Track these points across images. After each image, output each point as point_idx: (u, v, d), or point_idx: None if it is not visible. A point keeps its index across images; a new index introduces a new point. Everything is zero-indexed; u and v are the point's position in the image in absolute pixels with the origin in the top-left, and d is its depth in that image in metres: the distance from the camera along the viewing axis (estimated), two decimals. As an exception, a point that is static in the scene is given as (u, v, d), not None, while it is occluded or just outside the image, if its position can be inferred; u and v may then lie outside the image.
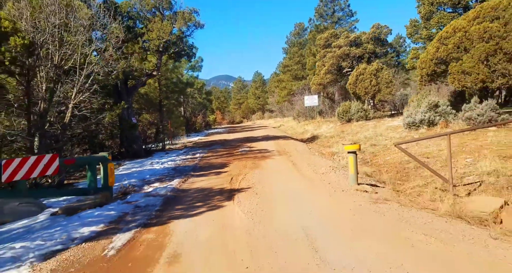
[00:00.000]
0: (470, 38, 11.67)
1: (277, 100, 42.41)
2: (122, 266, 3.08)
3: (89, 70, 7.14)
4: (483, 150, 7.89)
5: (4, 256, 3.28)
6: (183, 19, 11.38)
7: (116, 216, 4.63)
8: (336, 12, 28.06)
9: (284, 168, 8.30)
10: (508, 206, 4.65)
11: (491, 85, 11.57)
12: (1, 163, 3.99)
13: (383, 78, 19.57)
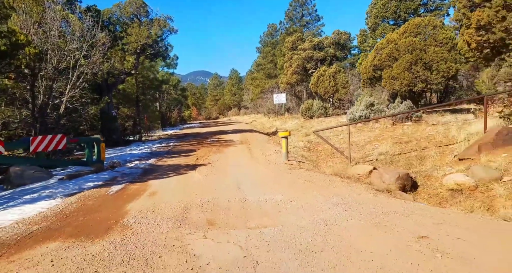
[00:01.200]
0: (399, 49, 14.41)
1: (251, 97, 44.61)
2: (120, 197, 5.14)
3: (80, 71, 8.99)
4: (390, 138, 10.56)
5: (42, 195, 5.25)
6: (158, 26, 13.26)
7: (109, 178, 6.64)
8: (305, 16, 30.62)
9: (241, 152, 10.52)
10: (376, 170, 7.14)
11: (414, 89, 14.39)
12: (29, 139, 5.90)
13: (340, 80, 22.27)
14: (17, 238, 3.45)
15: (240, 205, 4.51)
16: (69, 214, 4.31)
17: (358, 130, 13.51)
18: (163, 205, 4.58)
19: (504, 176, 5.97)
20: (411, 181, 6.81)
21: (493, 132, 7.17)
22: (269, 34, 38.24)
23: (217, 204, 4.55)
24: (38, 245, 3.24)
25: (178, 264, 2.73)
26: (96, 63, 9.27)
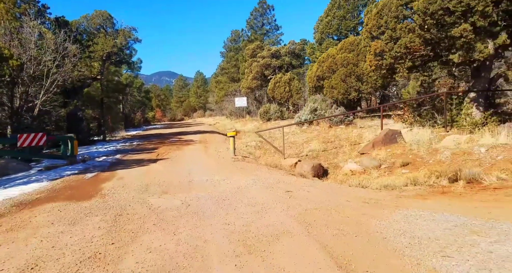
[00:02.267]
0: (336, 63, 17.14)
1: (215, 99, 46.41)
2: (95, 180, 6.87)
3: (53, 78, 10.42)
4: (322, 138, 13.03)
5: (31, 180, 6.83)
6: (123, 36, 14.81)
7: (83, 168, 8.27)
8: (265, 25, 33.15)
9: (198, 150, 12.42)
10: (300, 162, 9.41)
11: (349, 97, 17.18)
12: (18, 136, 7.41)
13: (294, 86, 24.88)
14: (30, 200, 5.15)
15: (187, 183, 6.46)
16: (58, 190, 6.00)
17: (302, 132, 15.94)
18: (129, 184, 6.41)
19: (382, 165, 8.48)
20: (323, 169, 9.15)
21: (383, 133, 9.77)
22: (233, 40, 40.36)
23: (170, 183, 6.47)
24: (46, 203, 4.98)
25: (142, 208, 4.65)
26: (67, 71, 10.71)
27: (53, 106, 10.70)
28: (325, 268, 2.71)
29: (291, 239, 3.32)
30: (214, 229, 3.68)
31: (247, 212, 4.26)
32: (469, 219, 3.70)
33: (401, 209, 4.21)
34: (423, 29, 8.98)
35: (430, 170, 6.74)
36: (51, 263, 2.93)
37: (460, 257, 2.81)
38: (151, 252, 3.11)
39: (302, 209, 4.30)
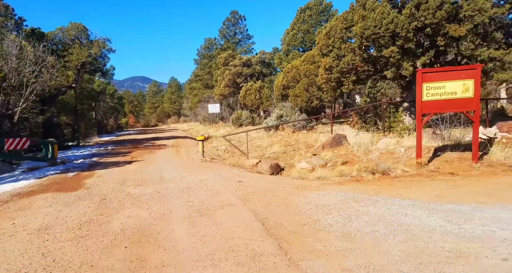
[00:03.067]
0: (300, 74, 18.98)
1: (189, 106, 47.39)
2: (77, 178, 8.01)
3: (32, 87, 11.37)
4: (284, 142, 14.66)
5: (19, 178, 7.86)
6: (98, 46, 15.84)
7: (64, 169, 9.33)
8: (237, 34, 34.87)
9: (170, 153, 13.66)
10: (260, 162, 10.93)
11: (312, 105, 19.03)
12: (5, 140, 8.41)
13: (264, 94, 26.60)
14: (26, 192, 6.29)
15: (159, 178, 7.78)
16: (47, 185, 7.14)
17: (268, 137, 17.54)
18: (108, 180, 7.64)
19: (327, 163, 10.16)
20: (280, 168, 10.70)
21: (332, 137, 11.53)
22: (206, 47, 41.75)
23: (144, 179, 7.76)
24: (40, 194, 6.15)
25: (121, 195, 5.94)
26: (46, 81, 11.67)
27: (32, 113, 11.60)
28: (249, 221, 4.19)
29: (231, 208, 4.79)
30: (177, 205, 5.08)
31: (204, 195, 5.69)
32: (360, 195, 5.35)
33: (318, 191, 5.81)
34: (361, 49, 10.89)
35: (360, 166, 8.48)
36: (59, 226, 4.21)
37: (337, 213, 4.40)
38: (131, 218, 4.47)
39: (246, 192, 5.79)
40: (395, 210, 4.42)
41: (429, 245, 3.26)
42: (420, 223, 3.86)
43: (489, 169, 6.79)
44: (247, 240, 3.55)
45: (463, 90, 7.20)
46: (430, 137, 9.89)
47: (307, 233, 3.74)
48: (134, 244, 3.53)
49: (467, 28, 9.65)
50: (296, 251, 3.25)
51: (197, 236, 3.71)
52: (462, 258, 2.96)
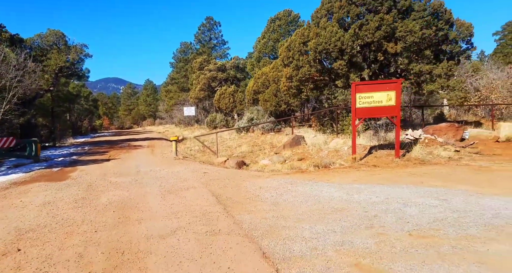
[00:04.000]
0: (269, 80, 20.68)
1: (165, 108, 48.11)
2: (62, 172, 9.16)
3: (15, 91, 12.31)
4: (252, 142, 16.23)
5: (8, 172, 8.92)
6: (75, 52, 16.81)
7: (48, 165, 10.40)
8: (212, 40, 36.30)
9: (145, 152, 14.86)
10: (228, 159, 12.43)
11: (280, 109, 20.76)
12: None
13: (237, 97, 28.13)
14: (20, 181, 7.45)
15: (136, 171, 9.09)
16: (36, 177, 8.28)
17: (239, 138, 19.05)
18: (91, 173, 8.87)
19: (286, 160, 11.80)
20: (245, 164, 12.26)
21: (291, 138, 13.23)
22: (182, 51, 42.80)
23: (123, 172, 9.05)
24: (33, 183, 7.34)
25: (104, 182, 7.25)
26: (27, 85, 12.61)
27: (14, 115, 12.48)
28: (206, 196, 5.70)
29: (194, 189, 6.28)
30: (152, 188, 6.50)
31: (174, 181, 7.14)
32: (297, 180, 6.99)
33: (267, 179, 7.40)
34: (316, 62, 12.71)
35: (310, 162, 10.16)
36: (58, 201, 5.53)
37: (274, 191, 5.99)
38: (115, 196, 5.84)
39: (208, 179, 7.29)
40: (316, 188, 6.08)
41: (325, 206, 4.90)
42: (328, 195, 5.53)
43: (404, 162, 8.67)
44: (202, 206, 5.05)
45: (387, 100, 9.07)
46: (370, 138, 11.82)
47: (247, 202, 5.30)
48: (120, 210, 4.94)
49: (402, 46, 11.68)
50: (235, 211, 4.79)
51: (166, 204, 5.17)
52: (341, 211, 4.61)
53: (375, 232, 3.75)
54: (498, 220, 3.96)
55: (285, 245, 3.45)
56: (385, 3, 11.53)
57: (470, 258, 3.01)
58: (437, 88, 11.73)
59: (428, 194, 5.28)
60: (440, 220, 4.07)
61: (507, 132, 11.23)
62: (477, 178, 6.49)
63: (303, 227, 3.97)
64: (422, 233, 3.67)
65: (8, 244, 3.67)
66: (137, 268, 2.99)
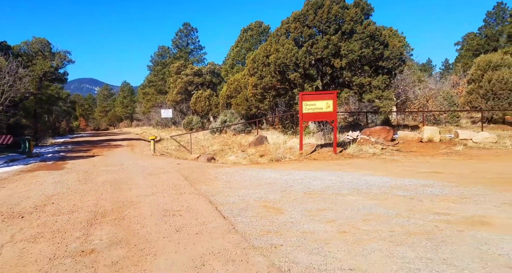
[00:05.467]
0: (241, 85, 22.93)
1: (143, 110, 49.33)
2: (56, 165, 10.95)
3: (7, 94, 13.88)
4: (224, 142, 18.38)
5: (9, 165, 10.61)
6: (59, 58, 18.39)
7: (41, 160, 12.10)
8: (189, 45, 38.23)
9: (126, 150, 16.68)
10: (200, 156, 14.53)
11: (250, 112, 23.04)
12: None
13: (213, 101, 30.21)
14: (25, 170, 9.25)
15: (120, 164, 11.02)
16: (36, 167, 10.06)
17: (213, 138, 21.16)
18: (82, 164, 10.73)
19: (250, 156, 14.04)
20: (214, 160, 14.40)
21: (256, 138, 15.51)
22: (160, 55, 44.39)
23: (109, 164, 10.96)
24: (36, 171, 9.16)
25: (97, 170, 9.19)
26: (19, 89, 14.18)
27: (5, 116, 14.01)
28: (177, 177, 7.82)
29: (169, 173, 8.38)
30: (135, 173, 8.53)
31: (153, 169, 9.20)
32: (249, 168, 9.23)
33: (227, 168, 9.59)
34: (276, 73, 15.09)
35: (268, 157, 12.43)
36: (65, 180, 7.47)
37: (229, 175, 8.20)
38: (108, 178, 7.86)
39: (181, 168, 9.40)
40: (261, 173, 8.35)
41: (261, 182, 7.16)
42: (267, 176, 7.80)
43: (338, 156, 11.13)
44: (174, 182, 7.19)
45: (326, 107, 11.53)
46: (320, 138, 14.29)
47: (207, 180, 7.47)
48: (115, 184, 6.99)
49: (345, 62, 14.26)
50: (197, 185, 6.96)
51: (148, 181, 7.27)
52: (270, 184, 6.88)
53: (285, 193, 6.03)
54: (363, 187, 6.35)
55: (225, 198, 5.66)
56: (331, 26, 14.09)
57: (330, 202, 5.34)
58: (374, 98, 14.38)
59: (335, 175, 7.67)
60: (329, 186, 6.43)
61: (428, 134, 14.01)
62: (381, 166, 8.99)
63: (240, 191, 6.20)
64: (311, 193, 5.99)
65: (44, 200, 5.66)
66: (133, 208, 5.10)
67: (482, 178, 6.71)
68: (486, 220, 4.14)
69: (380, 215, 4.46)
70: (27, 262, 3.17)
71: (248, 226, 4.12)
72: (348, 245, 3.42)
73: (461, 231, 3.74)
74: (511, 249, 3.17)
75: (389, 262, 2.99)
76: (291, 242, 3.53)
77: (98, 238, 3.73)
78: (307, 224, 4.17)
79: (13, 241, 3.74)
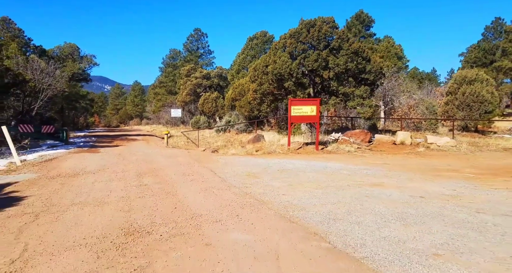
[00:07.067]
0: (245, 89, 25.71)
1: (153, 109, 52.50)
2: (91, 150, 13.84)
3: (46, 92, 16.88)
4: (227, 139, 21.18)
5: (54, 149, 13.53)
6: (86, 61, 21.44)
7: (76, 147, 15.02)
8: (199, 49, 41.26)
9: (143, 143, 19.58)
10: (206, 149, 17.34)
11: (252, 114, 25.79)
12: (42, 126, 13.99)
13: (219, 103, 33.06)
14: (72, 152, 12.15)
15: (142, 151, 13.85)
16: (77, 151, 12.94)
17: (218, 136, 23.94)
18: (112, 151, 13.58)
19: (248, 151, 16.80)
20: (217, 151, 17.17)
21: (254, 136, 18.25)
22: (171, 57, 47.52)
23: (133, 151, 13.79)
24: (80, 153, 12.05)
25: (127, 153, 12.03)
26: (56, 88, 17.16)
27: (44, 110, 16.99)
28: (189, 159, 10.60)
29: (182, 156, 11.18)
30: (157, 156, 11.34)
31: (169, 154, 11.99)
32: (244, 157, 11.98)
33: (227, 156, 12.35)
34: (273, 81, 17.84)
35: (262, 151, 15.17)
36: (108, 158, 10.30)
37: (228, 160, 10.96)
38: (138, 158, 10.69)
39: (191, 154, 12.19)
40: (252, 159, 11.08)
41: (250, 164, 9.89)
42: (257, 162, 10.52)
43: (319, 152, 13.81)
44: (186, 161, 9.96)
45: (311, 111, 14.22)
46: (308, 137, 16.97)
47: (211, 162, 10.23)
48: (144, 162, 9.79)
49: (332, 73, 16.94)
50: (203, 163, 9.72)
51: (167, 160, 10.05)
52: (258, 165, 9.60)
53: (264, 169, 8.75)
54: (322, 169, 9.03)
55: (222, 170, 8.40)
56: (321, 42, 16.81)
57: (293, 175, 8.05)
58: (355, 105, 17.03)
59: (307, 162, 10.36)
60: (298, 168, 9.12)
61: (401, 138, 16.57)
62: (347, 159, 11.65)
63: (234, 168, 8.94)
64: (283, 170, 8.70)
65: (101, 167, 8.48)
66: (161, 171, 7.87)
67: (413, 168, 9.35)
68: (382, 184, 6.81)
69: (321, 181, 7.16)
70: (111, 189, 5.94)
71: (234, 181, 6.87)
72: (289, 189, 6.14)
73: (361, 186, 6.43)
74: (379, 193, 5.86)
75: (305, 194, 5.71)
76: (257, 187, 6.27)
77: (146, 181, 6.52)
78: (271, 182, 6.90)
79: (97, 182, 6.54)
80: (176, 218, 4.13)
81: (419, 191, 5.96)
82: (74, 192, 5.64)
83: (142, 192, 5.65)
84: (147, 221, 4.04)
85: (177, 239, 3.42)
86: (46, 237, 3.48)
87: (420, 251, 3.16)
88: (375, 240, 3.46)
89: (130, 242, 3.34)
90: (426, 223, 4.05)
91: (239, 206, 4.75)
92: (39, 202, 4.99)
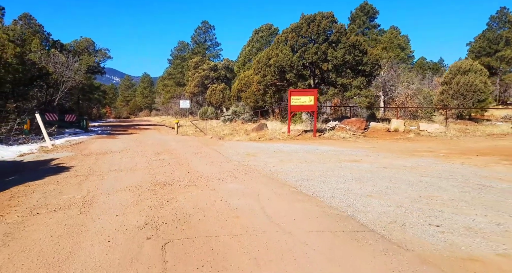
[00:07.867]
0: (250, 81, 27.04)
1: (162, 101, 54.22)
2: (110, 136, 15.48)
3: (67, 84, 18.53)
4: (232, 128, 22.66)
5: (77, 135, 15.20)
6: (101, 55, 23.00)
7: (95, 134, 16.69)
8: (207, 41, 42.51)
9: (155, 132, 21.22)
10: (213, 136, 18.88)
11: (257, 105, 27.17)
12: (65, 115, 15.66)
13: (226, 94, 34.47)
14: (94, 138, 13.80)
15: (154, 138, 15.43)
16: (98, 138, 14.59)
17: (224, 126, 25.45)
18: (129, 137, 15.19)
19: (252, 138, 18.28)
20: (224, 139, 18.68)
21: (257, 125, 19.67)
22: (179, 49, 48.90)
23: (148, 137, 15.38)
24: (102, 138, 13.70)
25: (143, 139, 13.61)
26: (75, 80, 18.79)
27: (65, 100, 18.67)
28: (197, 143, 12.12)
29: (192, 141, 12.71)
30: (169, 141, 12.89)
31: (180, 140, 13.52)
32: (248, 142, 13.45)
33: (232, 142, 13.83)
34: (275, 73, 19.14)
35: (265, 138, 16.62)
36: (127, 142, 11.87)
37: (233, 144, 12.44)
38: (153, 142, 12.26)
39: (199, 140, 13.72)
40: (253, 144, 12.54)
41: (251, 146, 11.35)
42: (256, 145, 11.98)
43: (316, 138, 15.18)
44: (196, 144, 11.47)
45: (309, 101, 15.55)
46: (308, 125, 18.32)
47: (216, 145, 11.72)
48: (158, 145, 11.34)
49: (331, 66, 18.16)
50: (211, 146, 11.21)
51: (178, 144, 11.58)
52: (258, 147, 11.06)
53: (263, 150, 10.19)
54: (313, 150, 10.43)
55: (226, 151, 9.88)
56: (321, 36, 17.99)
57: (287, 154, 9.48)
58: (352, 95, 18.26)
59: (301, 146, 11.77)
60: (292, 150, 10.55)
61: (394, 125, 17.79)
62: (340, 144, 13.01)
63: (236, 149, 10.41)
64: (279, 151, 10.13)
65: (123, 148, 10.04)
66: (175, 151, 9.39)
67: (395, 150, 10.69)
68: (359, 160, 8.21)
69: (308, 158, 8.59)
70: (137, 162, 7.48)
71: (235, 158, 8.35)
72: (279, 163, 7.60)
73: (340, 162, 7.84)
74: (352, 165, 7.28)
75: (291, 166, 7.16)
76: (254, 162, 7.73)
77: (163, 157, 8.06)
78: (266, 159, 8.35)
79: (123, 158, 8.09)
80: (189, 177, 5.63)
81: (387, 164, 7.35)
82: (108, 164, 7.20)
83: (161, 164, 7.17)
84: (168, 179, 5.55)
85: (191, 187, 4.92)
86: (100, 186, 5.01)
87: (359, 194, 4.59)
88: (331, 189, 4.90)
89: (158, 189, 4.85)
90: (375, 181, 5.47)
91: (237, 171, 6.24)
92: (84, 169, 6.54)
